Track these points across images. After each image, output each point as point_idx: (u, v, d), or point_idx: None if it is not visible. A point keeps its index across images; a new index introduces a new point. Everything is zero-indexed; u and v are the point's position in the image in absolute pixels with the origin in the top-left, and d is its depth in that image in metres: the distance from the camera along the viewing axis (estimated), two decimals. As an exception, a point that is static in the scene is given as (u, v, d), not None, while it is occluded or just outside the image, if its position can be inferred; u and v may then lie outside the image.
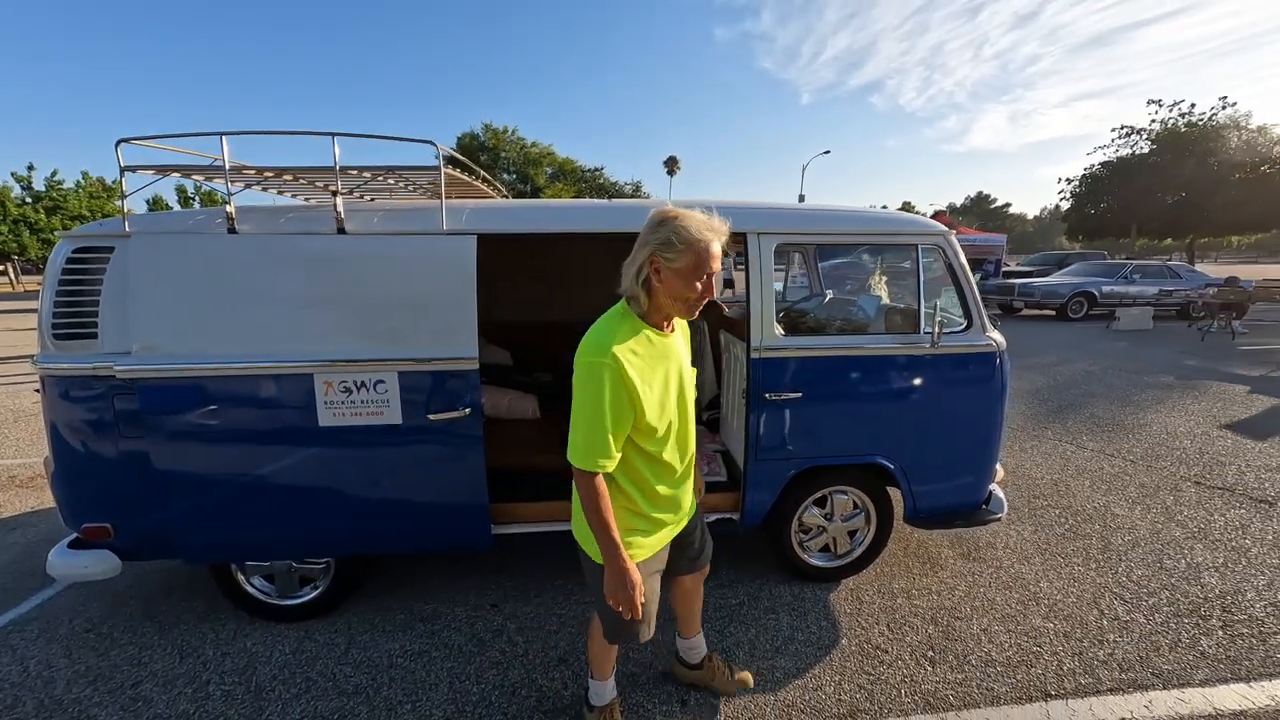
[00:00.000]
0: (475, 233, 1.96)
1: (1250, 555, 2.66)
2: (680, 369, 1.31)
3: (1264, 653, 2.02)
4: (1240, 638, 2.10)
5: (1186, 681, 1.89)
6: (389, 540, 2.12)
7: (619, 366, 1.12)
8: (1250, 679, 1.89)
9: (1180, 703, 1.80)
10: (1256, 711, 1.76)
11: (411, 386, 1.93)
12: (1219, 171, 20.37)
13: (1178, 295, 11.84)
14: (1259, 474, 3.59)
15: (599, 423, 1.13)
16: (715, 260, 1.16)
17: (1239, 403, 5.26)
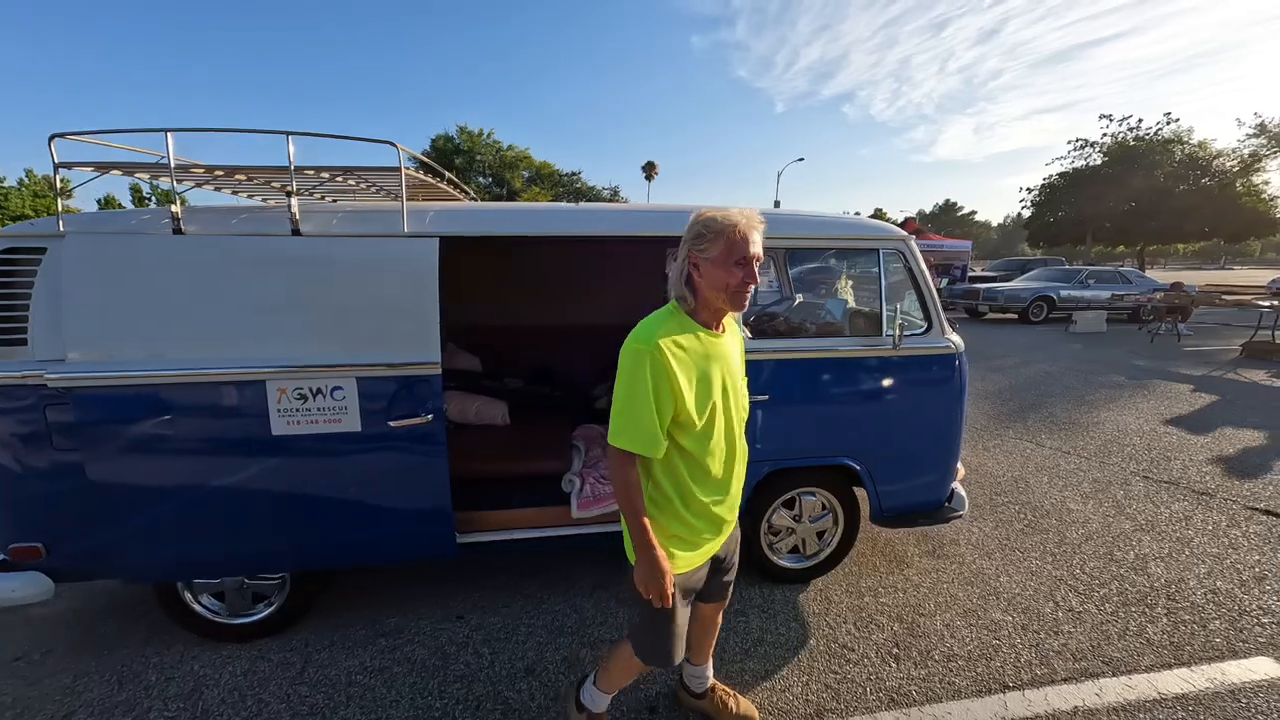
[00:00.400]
0: (438, 235, 1.93)
1: (1192, 545, 2.81)
2: (729, 373, 1.28)
3: (1204, 638, 2.13)
4: (1183, 624, 2.21)
5: (1134, 668, 1.97)
6: (348, 553, 2.05)
7: (661, 355, 1.13)
8: (1191, 663, 2.00)
9: (1128, 689, 1.88)
10: (1196, 694, 1.85)
11: (371, 393, 1.88)
12: (1165, 183, 21.67)
13: (1129, 300, 12.49)
14: (1200, 468, 3.81)
15: (641, 406, 1.14)
16: (749, 244, 1.15)
17: (1183, 400, 5.58)
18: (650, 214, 2.22)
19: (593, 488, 2.32)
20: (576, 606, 2.31)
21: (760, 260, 1.18)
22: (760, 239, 1.17)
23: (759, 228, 1.18)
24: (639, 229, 2.15)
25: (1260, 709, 1.79)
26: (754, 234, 1.16)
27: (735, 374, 1.31)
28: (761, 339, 2.22)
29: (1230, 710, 1.79)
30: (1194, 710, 1.79)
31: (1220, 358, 7.91)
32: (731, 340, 1.32)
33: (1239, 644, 2.09)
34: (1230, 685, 1.89)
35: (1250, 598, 2.37)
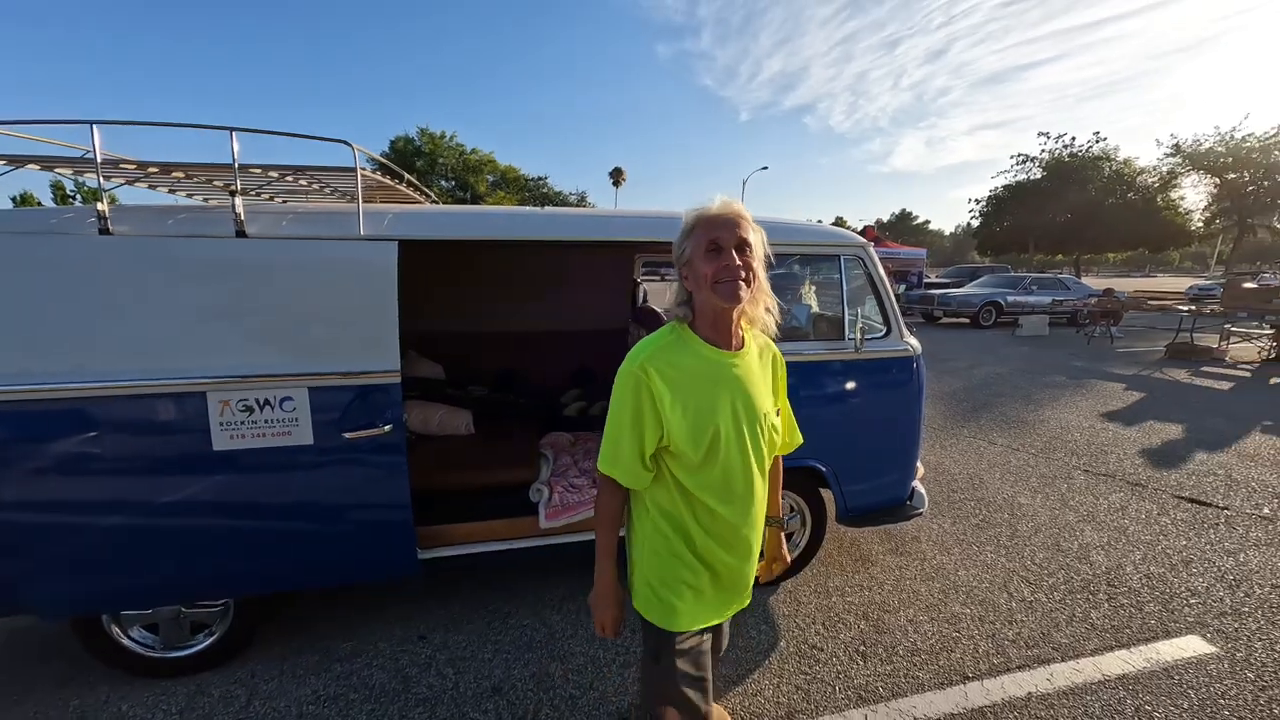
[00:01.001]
0: (397, 239, 1.87)
1: (1129, 533, 3.02)
2: (747, 398, 1.08)
3: (1140, 620, 2.29)
4: (1122, 608, 2.36)
5: (1080, 652, 2.10)
6: (300, 574, 1.94)
7: (647, 377, 1.03)
8: (1130, 645, 2.14)
9: (1075, 672, 1.99)
10: (1136, 674, 1.98)
11: (325, 403, 1.79)
12: (1096, 197, 23.47)
13: (1067, 305, 13.41)
14: (1133, 460, 4.11)
15: (620, 431, 1.05)
16: (724, 228, 1.01)
17: (1117, 398, 6.02)
18: (616, 219, 2.22)
19: (561, 496, 2.28)
20: (545, 620, 2.26)
21: (746, 246, 1.02)
22: (743, 226, 1.02)
23: (736, 212, 1.03)
24: (605, 234, 2.14)
25: (1190, 684, 1.93)
26: (729, 218, 1.02)
27: (757, 399, 1.10)
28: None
29: (1165, 687, 1.92)
30: (1134, 689, 1.91)
31: (1148, 358, 8.59)
32: (754, 359, 1.13)
33: (1171, 625, 2.26)
34: (1164, 664, 2.03)
35: (1180, 580, 2.57)
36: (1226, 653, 2.09)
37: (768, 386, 1.15)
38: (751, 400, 1.09)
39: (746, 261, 1.01)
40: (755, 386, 1.11)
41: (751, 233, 1.03)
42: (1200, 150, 22.53)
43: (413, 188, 3.04)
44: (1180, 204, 23.78)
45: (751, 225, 1.04)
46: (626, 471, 1.07)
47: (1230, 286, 9.02)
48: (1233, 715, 1.81)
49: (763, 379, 1.14)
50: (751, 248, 1.02)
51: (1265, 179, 21.90)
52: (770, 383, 1.17)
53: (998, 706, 1.84)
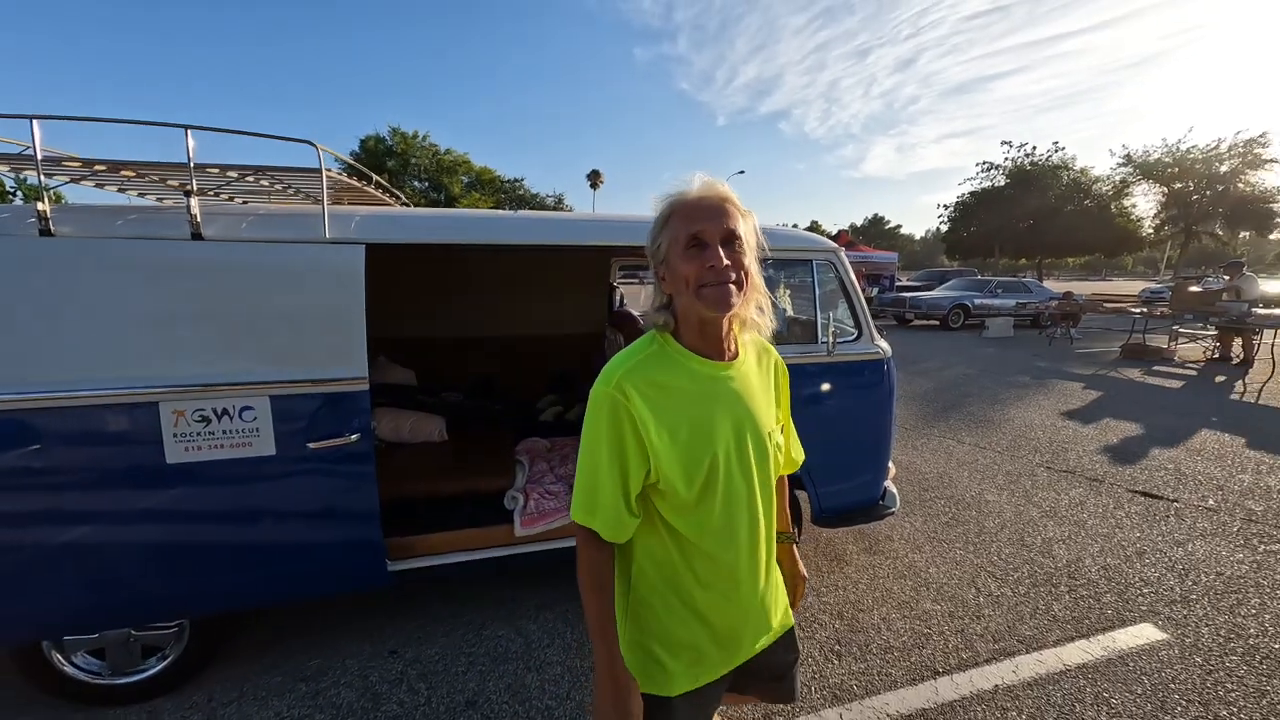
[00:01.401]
0: (364, 242, 1.83)
1: (1087, 527, 3.16)
2: (746, 416, 0.90)
3: (1098, 610, 2.39)
4: (1081, 600, 2.47)
5: (1043, 644, 2.18)
6: (261, 591, 1.86)
7: (624, 398, 0.83)
8: (1089, 634, 2.23)
9: (1039, 664, 2.07)
10: (1095, 663, 2.08)
11: (288, 412, 1.73)
12: (1055, 204, 24.60)
13: (1030, 307, 14.00)
14: (1091, 456, 4.31)
15: (595, 469, 0.84)
16: (703, 217, 0.82)
17: (1076, 397, 6.30)
18: (589, 223, 2.22)
19: (537, 504, 2.26)
20: (521, 630, 2.23)
21: (735, 239, 0.83)
22: (730, 213, 0.83)
23: (720, 195, 0.84)
24: (578, 238, 2.15)
25: (1144, 670, 2.03)
26: (713, 204, 0.83)
27: (759, 415, 0.92)
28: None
29: (1120, 674, 2.01)
30: (1093, 678, 2.00)
31: (1104, 358, 9.03)
32: (752, 369, 0.95)
33: (1127, 614, 2.37)
34: (1121, 651, 2.13)
35: (1134, 571, 2.70)
36: (1176, 639, 2.21)
37: (769, 398, 0.97)
38: (754, 417, 0.91)
39: (736, 258, 0.82)
40: (756, 401, 0.93)
41: (741, 220, 0.84)
42: (1149, 161, 23.90)
43: (382, 189, 2.98)
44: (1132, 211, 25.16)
45: (740, 210, 0.85)
46: (607, 520, 0.85)
47: (1178, 290, 9.57)
48: (1182, 699, 1.91)
49: (763, 391, 0.96)
50: (741, 239, 0.83)
51: (1207, 188, 23.35)
52: (772, 393, 0.99)
53: (967, 700, 1.89)
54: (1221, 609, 2.40)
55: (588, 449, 0.86)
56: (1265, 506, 3.41)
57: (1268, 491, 3.63)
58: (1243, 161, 22.46)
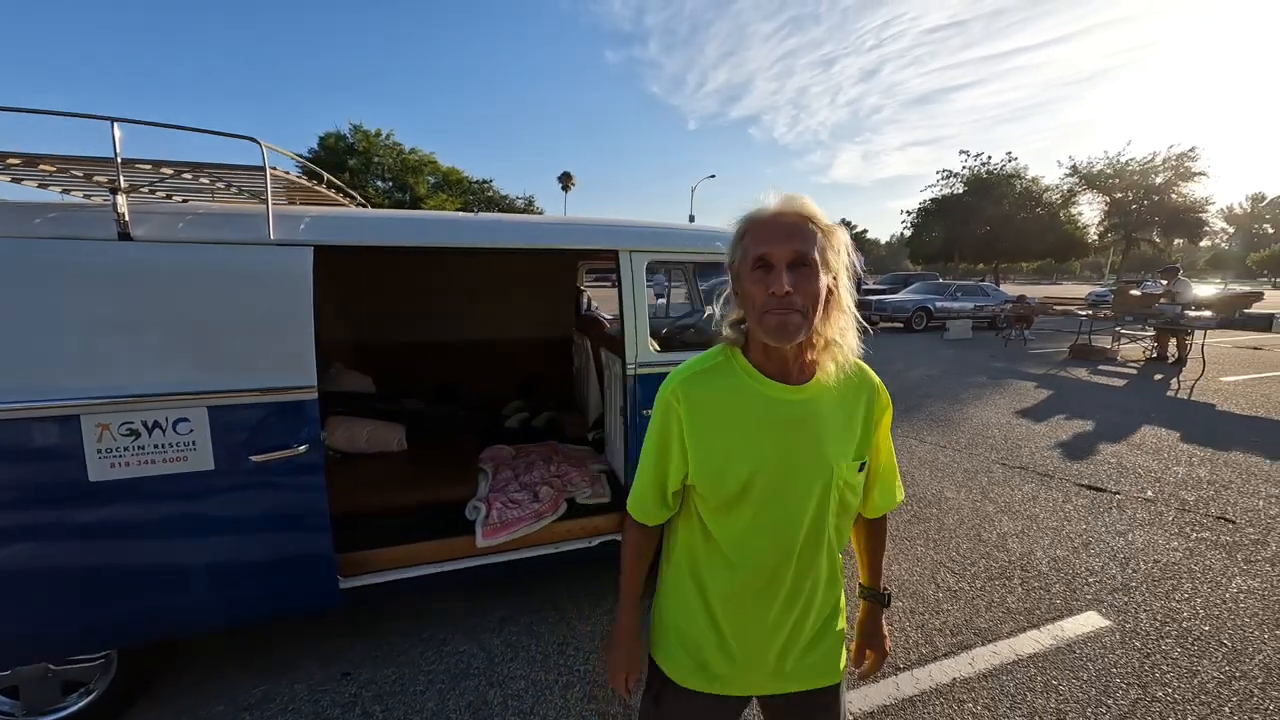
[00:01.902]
0: (312, 244, 1.76)
1: (1039, 520, 3.32)
2: (801, 446, 0.86)
3: (1048, 600, 2.52)
4: (1033, 591, 2.59)
5: (998, 636, 2.27)
6: (200, 616, 1.76)
7: (676, 403, 0.88)
8: (1040, 624, 2.34)
9: (994, 655, 2.16)
10: (1045, 651, 2.18)
11: (228, 423, 1.64)
12: (1009, 211, 25.90)
13: (987, 310, 14.68)
14: (1042, 452, 4.54)
15: (645, 460, 0.93)
16: (773, 239, 0.79)
17: (1029, 395, 6.64)
18: (554, 227, 2.20)
19: (499, 513, 2.22)
20: (483, 644, 2.18)
21: (807, 263, 0.78)
22: (805, 235, 0.79)
23: (798, 214, 0.81)
24: (542, 242, 2.12)
25: (1089, 656, 2.15)
26: (787, 224, 0.80)
27: (825, 447, 0.87)
28: (669, 351, 2.29)
29: (1068, 661, 2.12)
30: (1043, 666, 2.09)
31: (1055, 358, 9.54)
32: (830, 397, 0.88)
33: (1074, 603, 2.50)
34: (1069, 639, 2.24)
35: (1080, 561, 2.85)
36: (1118, 625, 2.34)
37: (850, 432, 0.90)
38: (815, 447, 0.87)
39: (805, 285, 0.78)
40: (824, 431, 0.87)
41: (817, 243, 0.80)
42: (1093, 172, 25.49)
43: (336, 189, 2.88)
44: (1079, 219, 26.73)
45: (821, 227, 0.81)
46: (638, 506, 0.94)
47: (1119, 294, 10.21)
48: (1123, 682, 2.02)
49: (841, 420, 0.89)
50: (815, 262, 0.79)
51: (1144, 198, 25.05)
52: (857, 425, 0.90)
53: (926, 695, 1.95)
54: (1158, 595, 2.56)
55: (645, 441, 0.95)
56: (1196, 496, 3.66)
57: (1199, 482, 3.90)
58: (1175, 174, 24.22)
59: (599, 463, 2.89)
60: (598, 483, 2.62)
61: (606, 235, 2.19)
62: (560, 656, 2.11)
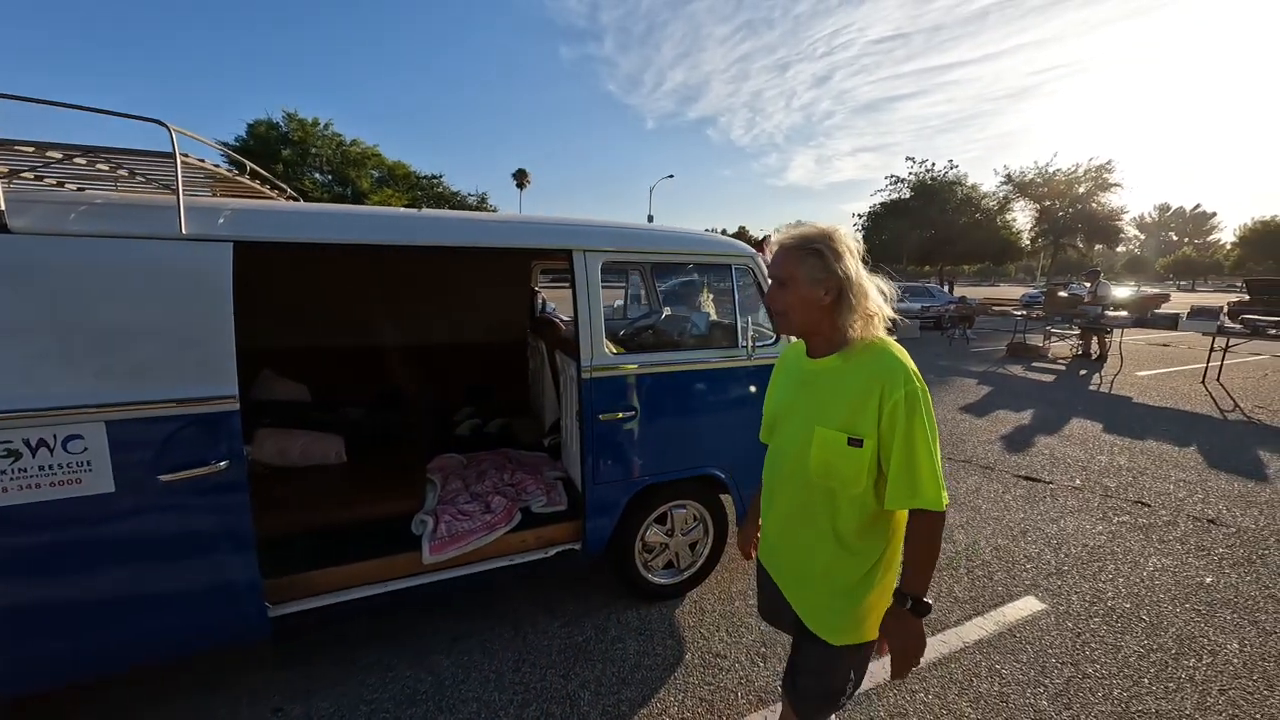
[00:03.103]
0: (232, 239, 1.63)
1: (981, 511, 3.53)
2: (806, 406, 1.17)
3: (991, 588, 2.68)
4: (978, 580, 2.75)
5: (946, 625, 2.39)
6: (101, 658, 1.58)
7: (778, 362, 1.39)
8: (984, 611, 2.49)
9: (943, 644, 2.27)
10: (989, 638, 2.31)
11: (130, 440, 1.49)
12: (951, 216, 27.60)
13: (933, 310, 15.57)
14: (985, 446, 4.85)
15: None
16: (772, 263, 1.17)
17: (972, 392, 7.08)
18: (505, 225, 2.14)
19: (448, 526, 2.13)
20: (432, 667, 2.08)
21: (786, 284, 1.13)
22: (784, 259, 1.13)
23: (781, 248, 1.15)
24: (496, 240, 2.06)
25: (1028, 639, 2.30)
26: (776, 257, 1.15)
27: (819, 410, 1.13)
28: (630, 354, 2.27)
29: (1009, 645, 2.26)
30: (988, 652, 2.22)
31: (993, 356, 10.23)
32: (836, 372, 1.13)
33: (1014, 589, 2.67)
34: (1009, 624, 2.39)
35: (1019, 549, 3.05)
36: (1053, 608, 2.51)
37: (844, 406, 1.08)
38: (813, 409, 1.15)
39: (785, 298, 1.14)
40: (822, 397, 1.14)
41: (800, 265, 1.11)
42: (1025, 180, 27.58)
43: (263, 181, 2.70)
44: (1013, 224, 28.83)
45: (812, 250, 1.10)
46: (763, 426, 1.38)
47: (1049, 295, 11.08)
48: (1058, 661, 2.17)
49: (842, 395, 1.10)
50: (793, 282, 1.12)
51: (1069, 206, 27.35)
52: (852, 403, 1.08)
53: (880, 688, 2.03)
54: (1086, 577, 2.78)
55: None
56: (1117, 483, 4.01)
57: (1119, 470, 4.27)
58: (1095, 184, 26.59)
59: (555, 469, 2.84)
60: (554, 490, 2.57)
61: (560, 234, 2.15)
62: (516, 674, 2.05)
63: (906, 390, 1.04)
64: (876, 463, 1.08)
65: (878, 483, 1.10)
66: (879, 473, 1.09)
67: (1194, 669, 2.15)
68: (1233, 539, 3.18)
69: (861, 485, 1.09)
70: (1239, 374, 8.32)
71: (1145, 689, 2.04)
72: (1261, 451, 4.73)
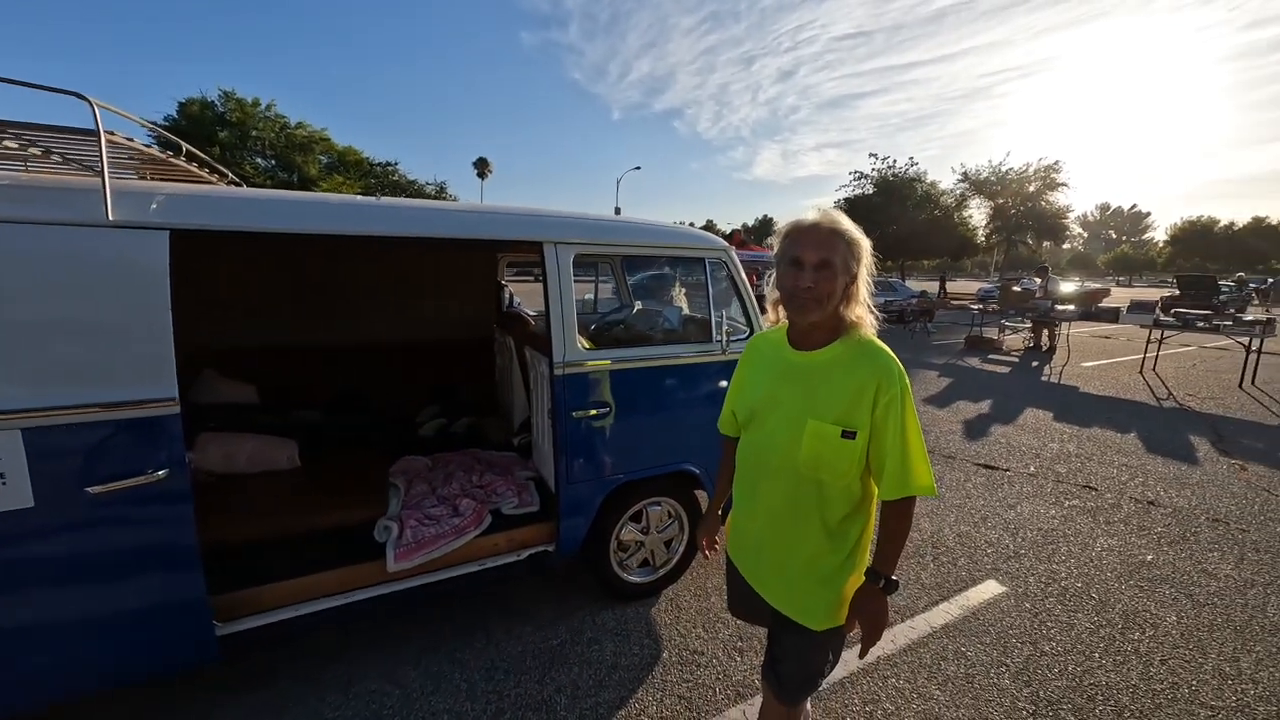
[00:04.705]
0: (168, 227, 1.51)
1: (945, 500, 3.70)
2: (789, 396, 1.17)
3: (955, 573, 2.81)
4: (943, 566, 2.88)
5: (915, 611, 2.49)
6: (21, 693, 1.45)
7: (747, 348, 1.36)
8: (949, 596, 2.60)
9: (911, 630, 2.36)
10: (955, 622, 2.42)
11: (53, 449, 1.37)
12: (912, 212, 28.68)
13: (896, 304, 16.16)
14: (946, 436, 5.07)
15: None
16: (807, 244, 1.09)
17: (933, 384, 7.39)
18: (473, 215, 2.07)
19: (414, 532, 2.06)
20: (398, 680, 2.01)
21: (829, 266, 1.07)
22: (832, 244, 1.08)
23: (829, 229, 1.09)
24: (460, 231, 1.98)
25: (990, 622, 2.42)
26: (819, 235, 1.09)
27: (810, 401, 1.13)
28: (604, 349, 2.25)
29: (973, 628, 2.37)
30: (954, 636, 2.33)
31: (953, 349, 10.72)
32: (830, 364, 1.14)
33: (976, 573, 2.81)
34: (972, 607, 2.51)
35: (980, 534, 3.21)
36: (1012, 590, 2.66)
37: (840, 399, 1.11)
38: (804, 403, 1.15)
39: (823, 282, 1.08)
40: (814, 388, 1.15)
41: (840, 251, 1.09)
42: (981, 179, 28.95)
43: (200, 164, 2.52)
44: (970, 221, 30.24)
45: (846, 240, 1.10)
46: (722, 419, 1.45)
47: (1004, 290, 11.68)
48: (1018, 641, 2.30)
49: (837, 388, 1.12)
50: (835, 267, 1.08)
51: (1021, 204, 28.90)
52: (848, 396, 1.10)
53: (854, 676, 2.09)
54: (1042, 559, 2.95)
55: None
56: (1068, 468, 4.27)
57: (1069, 456, 4.56)
58: (1044, 184, 28.18)
59: (527, 469, 2.79)
60: (525, 491, 2.52)
61: (531, 226, 2.10)
62: (488, 683, 2.01)
63: (901, 386, 1.10)
64: (865, 453, 1.12)
65: (863, 473, 1.16)
66: (865, 463, 1.14)
67: (1138, 641, 2.31)
68: (1169, 518, 3.45)
69: (851, 475, 1.14)
70: (1172, 364, 9.01)
71: (1096, 663, 2.18)
72: (1192, 436, 5.15)
